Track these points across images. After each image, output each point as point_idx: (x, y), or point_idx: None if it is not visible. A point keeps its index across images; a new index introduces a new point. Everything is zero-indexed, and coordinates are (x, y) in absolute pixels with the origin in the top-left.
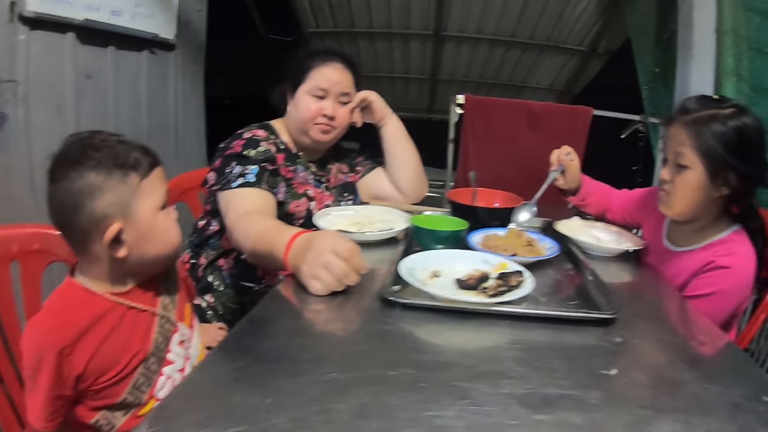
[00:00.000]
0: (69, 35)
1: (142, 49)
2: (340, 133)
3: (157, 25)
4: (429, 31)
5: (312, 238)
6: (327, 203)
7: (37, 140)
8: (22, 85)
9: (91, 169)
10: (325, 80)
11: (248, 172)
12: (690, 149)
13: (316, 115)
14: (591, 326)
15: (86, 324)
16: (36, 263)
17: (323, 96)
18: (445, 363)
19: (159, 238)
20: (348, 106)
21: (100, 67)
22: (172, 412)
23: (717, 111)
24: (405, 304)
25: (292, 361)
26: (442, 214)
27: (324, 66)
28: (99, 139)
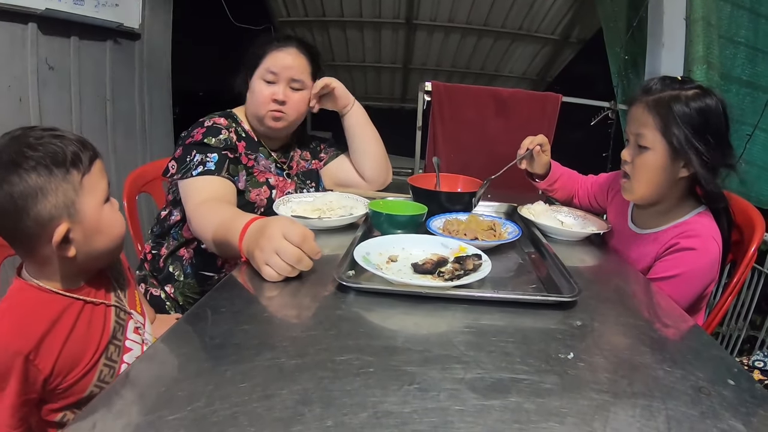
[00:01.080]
0: (30, 25)
1: (106, 38)
2: (295, 120)
3: (122, 14)
4: (400, 19)
5: (264, 224)
6: (289, 191)
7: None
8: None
9: (31, 170)
10: (275, 64)
11: (209, 160)
12: (651, 130)
13: (266, 100)
14: (551, 310)
15: (47, 325)
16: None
17: (274, 81)
18: (394, 348)
19: (106, 232)
20: (301, 92)
21: (62, 58)
22: (113, 400)
23: (680, 92)
24: (359, 289)
25: (237, 348)
26: (403, 200)
27: (277, 51)
28: (33, 136)
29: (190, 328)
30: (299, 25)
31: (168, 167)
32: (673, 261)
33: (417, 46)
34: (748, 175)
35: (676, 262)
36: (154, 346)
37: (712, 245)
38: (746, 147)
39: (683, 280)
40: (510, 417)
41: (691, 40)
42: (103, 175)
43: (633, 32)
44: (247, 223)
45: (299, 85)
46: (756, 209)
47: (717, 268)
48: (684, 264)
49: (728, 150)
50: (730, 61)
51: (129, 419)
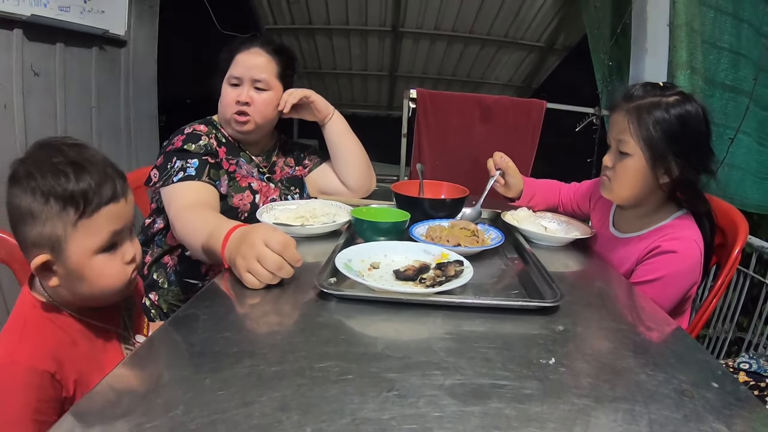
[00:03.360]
0: (16, 31)
1: (92, 45)
2: (263, 122)
3: (108, 20)
4: (387, 27)
5: (245, 232)
6: (273, 197)
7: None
8: None
9: (30, 192)
10: (238, 67)
11: (189, 165)
12: (632, 137)
13: (231, 103)
14: (532, 315)
15: (66, 346)
16: None
17: (238, 83)
18: (374, 354)
19: (91, 282)
20: (266, 93)
21: (48, 64)
22: (91, 406)
23: (660, 98)
24: (340, 296)
25: (216, 356)
26: (386, 207)
27: (241, 53)
28: (56, 156)
29: (171, 336)
30: (286, 33)
31: (150, 176)
32: (655, 264)
33: (403, 54)
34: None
35: (657, 265)
36: (133, 353)
37: (693, 248)
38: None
39: (665, 283)
40: (490, 423)
41: (674, 46)
42: (111, 222)
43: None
44: (230, 231)
45: (263, 85)
46: (739, 212)
47: (699, 270)
48: (665, 267)
49: (709, 155)
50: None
51: (106, 426)
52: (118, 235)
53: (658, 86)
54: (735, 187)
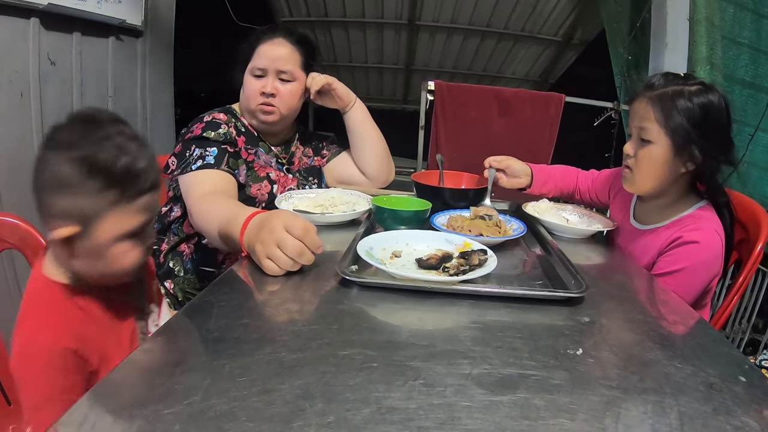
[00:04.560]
0: (33, 20)
1: (108, 35)
2: (288, 113)
3: (124, 10)
4: (403, 20)
5: (266, 217)
6: (291, 187)
7: (0, 127)
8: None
9: (69, 162)
10: (262, 58)
11: (208, 154)
12: (655, 124)
13: (255, 94)
14: (557, 306)
15: (86, 320)
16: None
17: (262, 75)
18: (399, 343)
19: (108, 263)
20: (291, 84)
21: (64, 53)
22: (107, 393)
23: (683, 87)
24: (362, 284)
25: (236, 342)
26: (407, 196)
27: (264, 43)
28: (109, 134)
29: (189, 322)
30: (302, 25)
31: (168, 163)
32: (677, 255)
33: (419, 47)
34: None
35: (679, 256)
36: (150, 339)
37: (714, 238)
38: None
39: (688, 274)
40: (519, 413)
41: (694, 41)
42: (145, 212)
43: (636, 33)
44: (249, 217)
45: (288, 76)
46: (760, 206)
47: (720, 262)
48: (688, 258)
49: (730, 146)
50: (732, 62)
51: (123, 413)
52: (147, 224)
53: (680, 76)
54: (754, 185)
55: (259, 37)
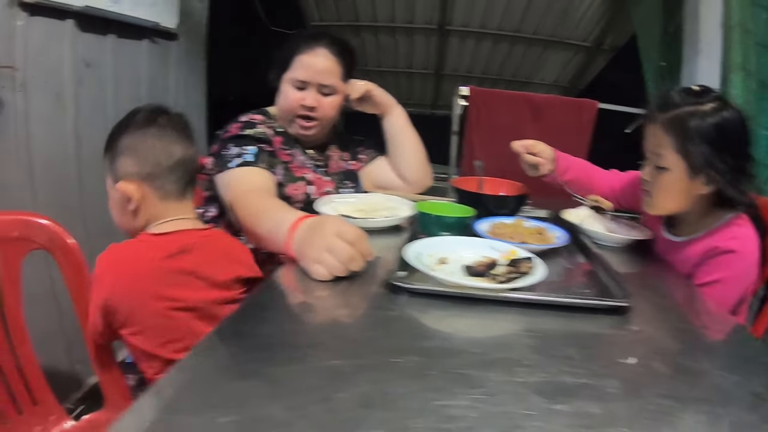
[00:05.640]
0: (68, 22)
1: (143, 37)
2: (326, 125)
3: (159, 13)
4: (433, 25)
5: (317, 222)
6: (327, 189)
7: (35, 128)
8: (19, 71)
9: (141, 135)
10: (304, 70)
11: (246, 152)
12: (670, 150)
13: (295, 106)
14: (604, 314)
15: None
16: (15, 251)
17: (302, 87)
18: (453, 350)
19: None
20: (332, 96)
21: (99, 55)
22: (161, 399)
23: (696, 108)
24: (412, 290)
25: (289, 348)
26: (449, 202)
27: (305, 54)
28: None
29: (239, 326)
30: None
31: (204, 164)
32: (714, 265)
33: (449, 52)
34: None
35: (717, 266)
36: (200, 343)
37: (750, 246)
38: None
39: (724, 285)
40: (578, 422)
41: (728, 48)
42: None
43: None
44: (298, 220)
45: (329, 90)
46: None
47: (756, 270)
48: (725, 268)
49: (749, 161)
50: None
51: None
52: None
53: (693, 92)
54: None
55: (299, 46)
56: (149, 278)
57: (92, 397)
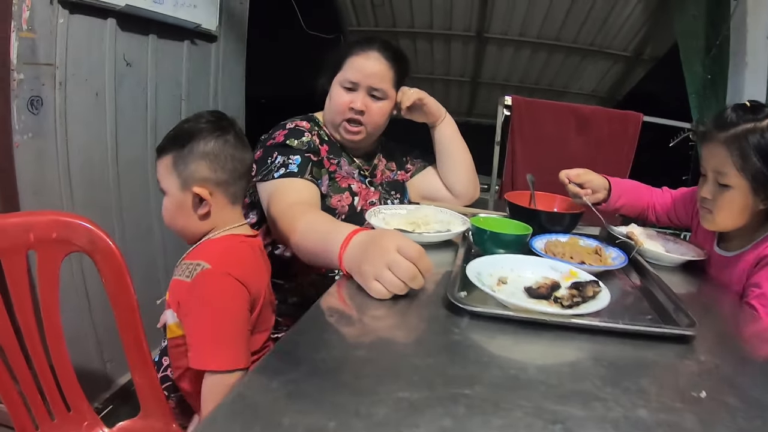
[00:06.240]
0: (109, 21)
1: (184, 38)
2: (375, 131)
3: (199, 14)
4: (471, 32)
5: (375, 236)
6: (372, 200)
7: (74, 126)
8: (59, 69)
9: (213, 141)
10: (355, 71)
11: (291, 162)
12: (732, 169)
13: (343, 108)
14: (670, 342)
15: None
16: (54, 253)
17: (353, 88)
18: (526, 381)
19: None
20: (382, 102)
21: (140, 55)
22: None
23: (754, 123)
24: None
25: (353, 376)
26: (498, 217)
27: (357, 56)
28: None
29: (295, 350)
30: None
31: None
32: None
33: (486, 60)
34: None
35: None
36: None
37: None
38: None
39: None
40: None
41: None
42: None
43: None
44: (351, 233)
45: (379, 94)
46: None
47: None
48: None
49: None
50: None
51: None
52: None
53: (748, 108)
54: None
55: (351, 48)
56: (267, 271)
57: (122, 397)
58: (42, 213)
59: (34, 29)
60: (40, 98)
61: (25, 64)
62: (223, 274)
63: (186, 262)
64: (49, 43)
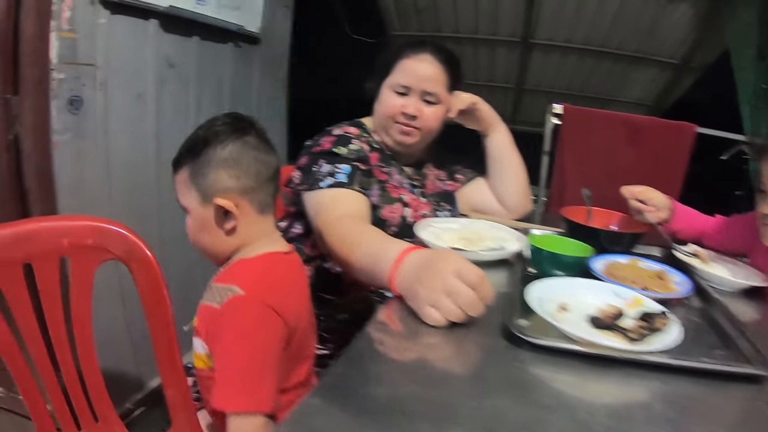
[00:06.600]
0: (152, 22)
1: (227, 40)
2: (426, 137)
3: (243, 17)
4: (516, 38)
5: (431, 258)
6: (424, 212)
7: (115, 127)
8: (101, 69)
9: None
10: (407, 75)
11: (339, 171)
12: None
13: (395, 112)
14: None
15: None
16: (88, 260)
17: (405, 92)
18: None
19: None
20: (435, 106)
21: (183, 57)
22: None
23: None
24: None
25: (412, 417)
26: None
27: (410, 58)
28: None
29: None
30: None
31: (291, 177)
32: None
33: (531, 67)
34: None
35: None
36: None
37: None
38: None
39: None
40: None
41: None
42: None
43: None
44: (404, 252)
45: (433, 98)
46: None
47: None
48: None
49: None
50: None
51: None
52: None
53: None
54: None
55: (403, 50)
56: (307, 293)
57: (153, 400)
58: (77, 218)
59: (74, 29)
60: (80, 98)
61: (65, 64)
62: (258, 303)
63: (216, 286)
64: (90, 44)
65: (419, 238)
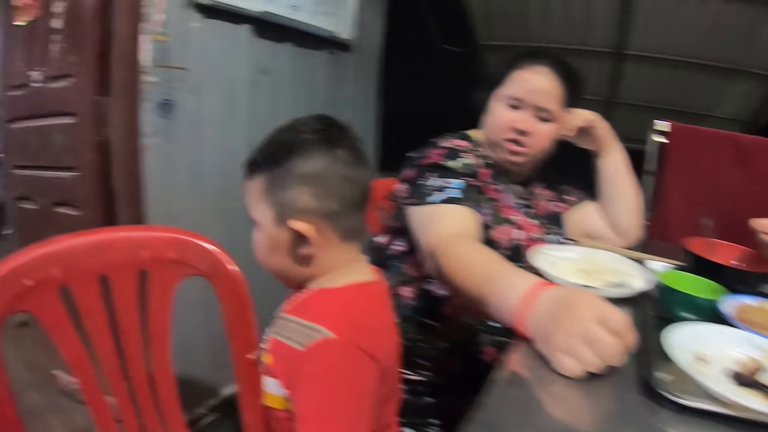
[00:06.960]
0: (244, 27)
1: (320, 47)
2: (537, 157)
3: (335, 23)
4: (609, 48)
5: (569, 298)
6: (535, 235)
7: (206, 131)
8: (192, 73)
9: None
10: (519, 87)
11: (450, 185)
12: None
13: (505, 126)
14: None
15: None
16: (169, 275)
17: (517, 106)
18: None
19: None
20: (549, 123)
21: (275, 63)
22: None
23: None
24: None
25: None
26: (675, 269)
27: (524, 70)
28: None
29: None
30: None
31: (396, 190)
32: None
33: (624, 79)
34: None
35: None
36: None
37: None
38: None
39: None
40: None
41: None
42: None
43: None
44: (536, 288)
45: (547, 115)
46: None
47: None
48: None
49: None
50: None
51: None
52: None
53: None
54: None
55: (517, 60)
56: (396, 328)
57: (228, 407)
58: (159, 228)
59: (167, 32)
60: (171, 102)
61: (157, 67)
62: (351, 348)
63: (294, 321)
64: (182, 47)
65: (532, 265)
